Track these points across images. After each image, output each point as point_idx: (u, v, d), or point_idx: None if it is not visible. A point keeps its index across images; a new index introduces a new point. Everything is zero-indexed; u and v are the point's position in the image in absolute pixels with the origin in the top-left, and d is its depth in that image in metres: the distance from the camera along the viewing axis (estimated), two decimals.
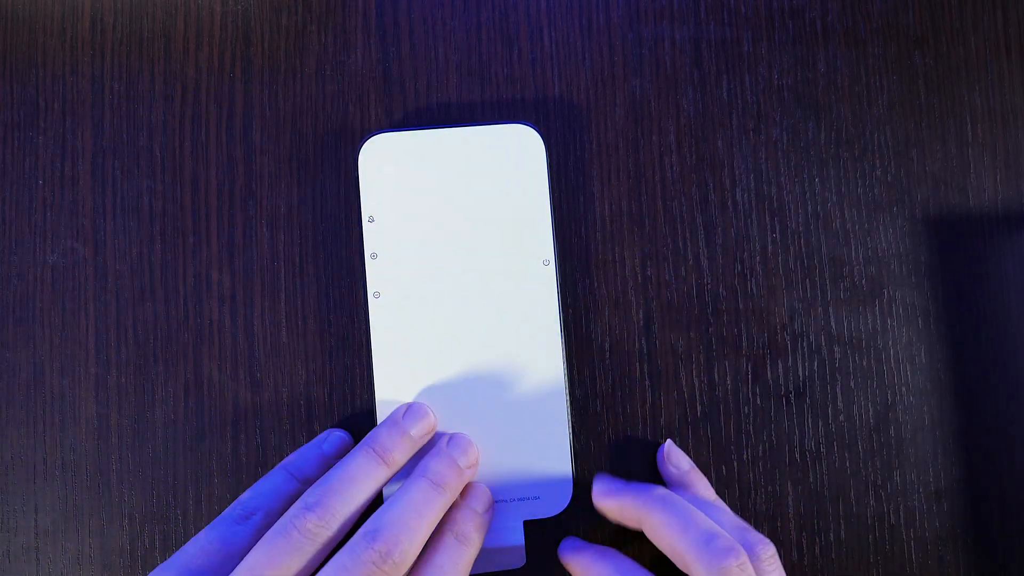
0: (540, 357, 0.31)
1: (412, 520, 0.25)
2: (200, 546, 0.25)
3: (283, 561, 0.24)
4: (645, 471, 0.32)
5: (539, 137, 0.32)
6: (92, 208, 0.33)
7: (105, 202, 0.33)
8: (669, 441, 0.32)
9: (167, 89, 0.33)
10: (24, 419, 0.32)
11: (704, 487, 0.31)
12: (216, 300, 0.32)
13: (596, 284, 0.33)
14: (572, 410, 0.32)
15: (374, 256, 0.31)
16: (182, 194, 0.33)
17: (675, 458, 0.32)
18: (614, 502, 0.30)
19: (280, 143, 0.33)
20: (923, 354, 0.33)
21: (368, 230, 0.31)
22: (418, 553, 0.25)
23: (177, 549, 0.32)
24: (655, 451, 0.32)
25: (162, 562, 0.32)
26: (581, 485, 0.32)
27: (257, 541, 0.25)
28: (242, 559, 0.24)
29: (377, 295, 0.31)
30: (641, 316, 0.33)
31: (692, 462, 0.32)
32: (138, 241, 0.33)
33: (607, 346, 0.33)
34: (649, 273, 0.33)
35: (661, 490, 0.29)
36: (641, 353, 0.33)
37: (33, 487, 0.32)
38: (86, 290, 0.32)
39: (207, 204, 0.33)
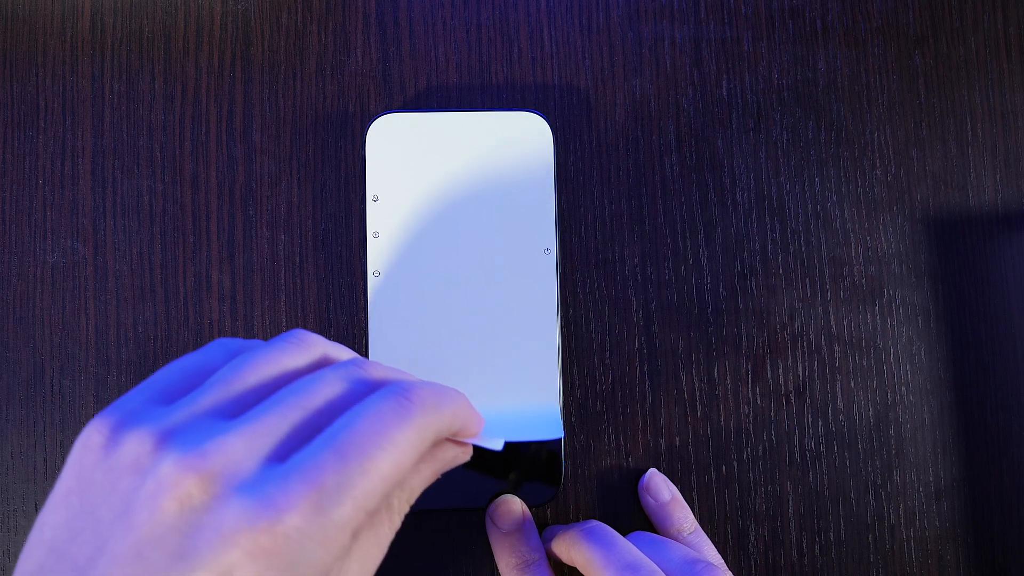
0: (535, 345, 0.31)
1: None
2: (173, 368, 0.21)
3: (280, 357, 0.21)
4: (644, 470, 0.32)
5: (547, 125, 0.32)
6: (92, 208, 0.33)
7: (105, 202, 0.33)
8: (651, 471, 0.32)
9: (167, 89, 0.33)
10: (24, 419, 0.32)
11: (683, 519, 0.31)
12: (216, 300, 0.32)
13: (596, 283, 0.33)
14: (564, 398, 0.32)
15: (376, 235, 0.31)
16: (182, 194, 0.33)
17: (654, 489, 0.32)
18: (554, 544, 0.29)
19: (280, 143, 0.33)
20: (923, 354, 0.33)
21: (372, 209, 0.31)
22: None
23: None
24: (654, 452, 0.32)
25: None
26: (571, 473, 0.32)
27: None
28: None
29: (377, 274, 0.31)
30: (641, 316, 0.33)
31: (675, 492, 0.32)
32: (138, 241, 0.33)
33: (607, 346, 0.33)
34: (649, 273, 0.33)
35: (592, 523, 0.29)
36: (641, 353, 0.33)
37: (33, 487, 0.32)
38: (86, 290, 0.32)
39: (207, 204, 0.33)
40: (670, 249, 0.33)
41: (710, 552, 0.30)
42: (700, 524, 0.32)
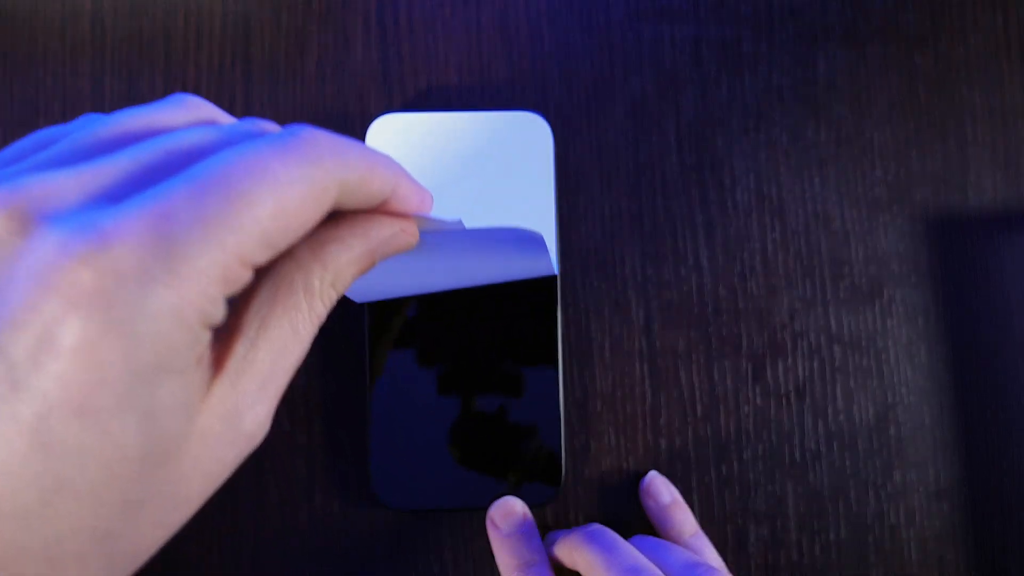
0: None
1: None
2: (25, 139, 0.17)
3: (148, 114, 0.17)
4: (646, 470, 0.32)
5: (547, 125, 0.32)
6: None
7: None
8: (652, 473, 0.32)
9: (167, 89, 0.33)
10: None
11: (684, 521, 0.31)
12: None
13: (596, 284, 0.33)
14: (564, 398, 0.32)
15: None
16: None
17: (654, 492, 0.31)
18: (556, 548, 0.29)
19: None
20: (923, 354, 0.33)
21: None
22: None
23: (176, 549, 0.32)
24: (654, 452, 0.32)
25: (162, 563, 0.32)
26: (571, 473, 0.32)
27: None
28: None
29: None
30: (641, 316, 0.33)
31: (676, 495, 0.31)
32: None
33: (607, 346, 0.33)
34: (649, 273, 0.33)
35: (594, 526, 0.29)
36: (641, 353, 0.33)
37: None
38: None
39: None
40: (670, 249, 0.33)
41: (711, 554, 0.30)
42: (700, 524, 0.32)
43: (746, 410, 0.33)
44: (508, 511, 0.30)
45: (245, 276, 0.14)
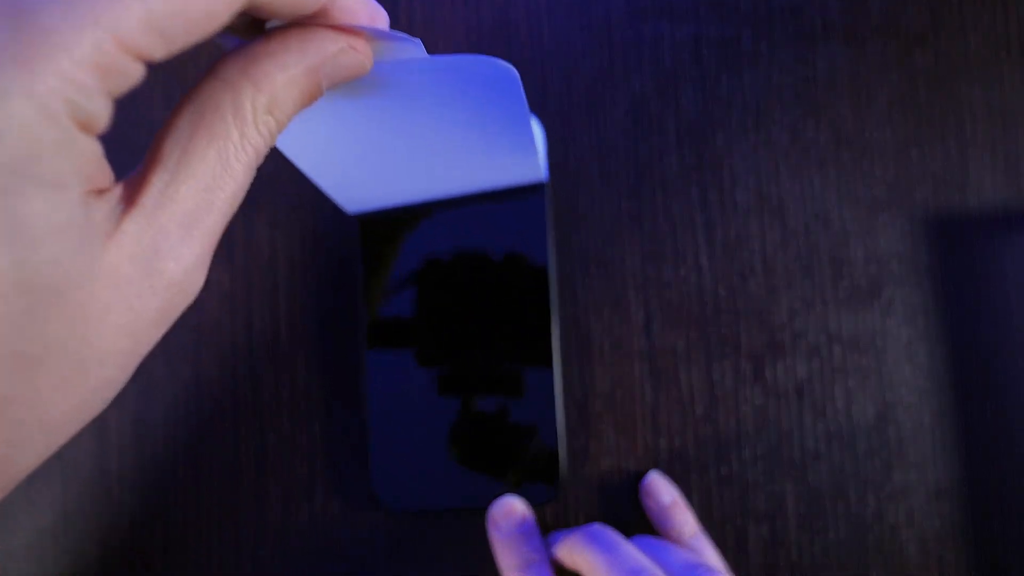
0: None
1: None
2: None
3: None
4: (644, 469, 0.32)
5: (539, 125, 0.32)
6: None
7: None
8: (652, 474, 0.32)
9: (167, 89, 0.33)
10: None
11: (684, 522, 0.31)
12: (216, 300, 0.32)
13: (596, 284, 0.33)
14: (565, 397, 0.32)
15: None
16: None
17: (655, 493, 0.31)
18: (557, 549, 0.29)
19: None
20: (923, 354, 0.33)
21: None
22: None
23: (177, 549, 0.32)
24: (654, 452, 0.32)
25: (162, 562, 0.32)
26: (571, 473, 0.32)
27: None
28: None
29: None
30: (641, 316, 0.33)
31: (676, 495, 0.31)
32: None
33: (607, 346, 0.33)
34: (649, 273, 0.33)
35: (594, 526, 0.29)
36: (641, 353, 0.33)
37: (33, 487, 0.32)
38: None
39: None
40: (670, 249, 0.33)
41: (711, 555, 0.30)
42: (700, 524, 0.32)
43: (746, 410, 0.33)
44: (508, 511, 0.30)
45: (130, 69, 0.12)
